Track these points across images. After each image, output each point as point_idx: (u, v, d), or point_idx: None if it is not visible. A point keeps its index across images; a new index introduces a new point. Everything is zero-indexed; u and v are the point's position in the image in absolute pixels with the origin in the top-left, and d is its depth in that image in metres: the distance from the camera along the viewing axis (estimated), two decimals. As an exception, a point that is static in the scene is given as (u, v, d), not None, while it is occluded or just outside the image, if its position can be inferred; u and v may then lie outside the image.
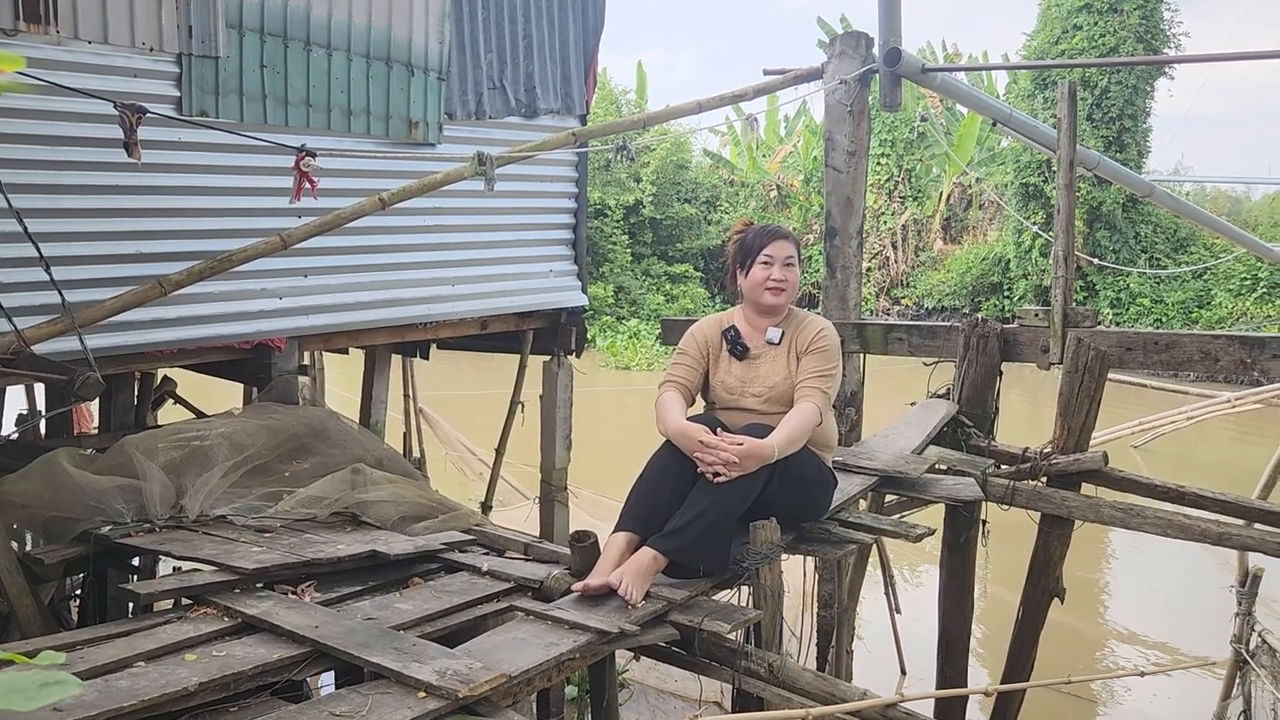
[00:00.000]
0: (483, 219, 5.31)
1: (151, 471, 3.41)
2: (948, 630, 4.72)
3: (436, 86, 4.81)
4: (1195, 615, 8.27)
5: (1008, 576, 6.09)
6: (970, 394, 4.76)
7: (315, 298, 4.49)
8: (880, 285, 26.40)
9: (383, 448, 4.31)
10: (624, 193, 25.44)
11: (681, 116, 5.19)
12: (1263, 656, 5.98)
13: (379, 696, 2.26)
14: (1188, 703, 6.69)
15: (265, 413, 4.01)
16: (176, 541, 3.19)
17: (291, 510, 3.50)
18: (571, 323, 5.91)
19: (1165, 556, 9.55)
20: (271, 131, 4.01)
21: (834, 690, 2.69)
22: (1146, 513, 4.20)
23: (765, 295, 3.36)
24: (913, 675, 6.70)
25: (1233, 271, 20.40)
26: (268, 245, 3.68)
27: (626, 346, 23.01)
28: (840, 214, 5.30)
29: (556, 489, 5.92)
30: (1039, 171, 21.56)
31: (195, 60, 3.85)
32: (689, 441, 3.07)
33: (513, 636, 2.61)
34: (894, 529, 3.48)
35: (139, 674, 2.31)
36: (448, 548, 3.37)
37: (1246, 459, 13.34)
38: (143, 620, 2.66)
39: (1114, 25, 20.70)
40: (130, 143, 3.09)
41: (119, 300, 3.44)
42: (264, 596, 2.82)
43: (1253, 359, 4.16)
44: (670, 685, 6.19)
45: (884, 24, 5.17)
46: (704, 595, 3.00)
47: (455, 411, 10.72)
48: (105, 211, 3.74)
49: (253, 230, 4.07)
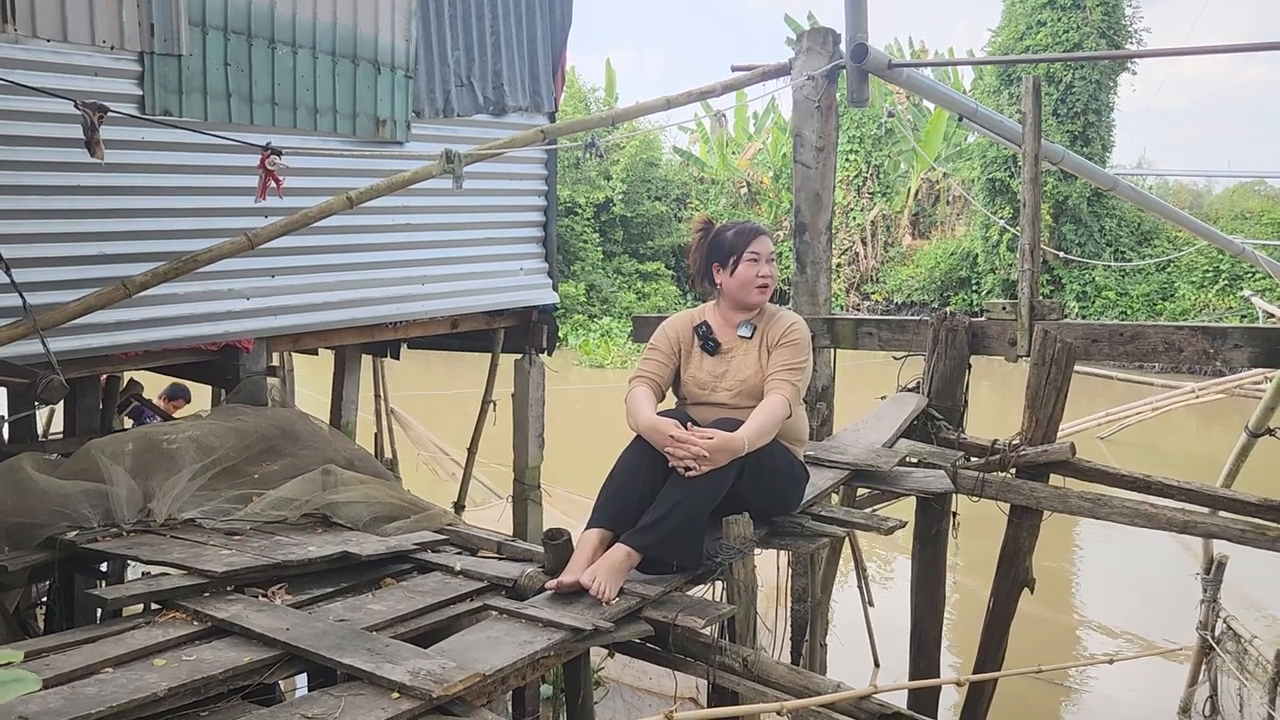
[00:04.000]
0: (452, 217, 5.28)
1: (118, 475, 3.37)
2: (920, 622, 4.76)
3: (404, 84, 4.78)
4: (1162, 603, 8.39)
5: (978, 568, 6.15)
6: (940, 387, 4.80)
7: (283, 298, 4.45)
8: (850, 281, 26.57)
9: (354, 448, 4.29)
10: (594, 190, 25.43)
11: (650, 113, 5.17)
12: (1228, 643, 6.08)
13: (352, 698, 2.25)
14: (1155, 689, 6.79)
15: (234, 414, 3.97)
16: (144, 546, 3.15)
17: (261, 512, 3.47)
18: (543, 321, 5.90)
19: (1132, 546, 9.68)
20: (236, 130, 3.97)
21: (808, 683, 2.70)
22: (1114, 502, 4.26)
23: (755, 293, 3.39)
24: (886, 667, 6.75)
25: (1195, 264, 20.72)
26: (234, 245, 3.64)
27: (599, 345, 23.01)
28: (809, 209, 5.32)
29: (529, 488, 5.91)
30: (1005, 167, 21.80)
31: (158, 58, 3.81)
32: (660, 436, 3.07)
33: (487, 635, 2.60)
34: (866, 522, 3.50)
35: (107, 680, 2.28)
36: (420, 548, 3.35)
37: (1210, 448, 13.56)
38: (110, 626, 2.63)
39: (1077, 21, 20.96)
40: (92, 142, 3.04)
41: (82, 302, 3.39)
42: (234, 599, 2.79)
43: (1215, 349, 4.22)
44: (645, 682, 6.20)
45: (850, 20, 5.19)
46: (678, 591, 3.01)
47: (427, 411, 10.67)
48: (67, 212, 3.69)
49: (219, 230, 4.03)
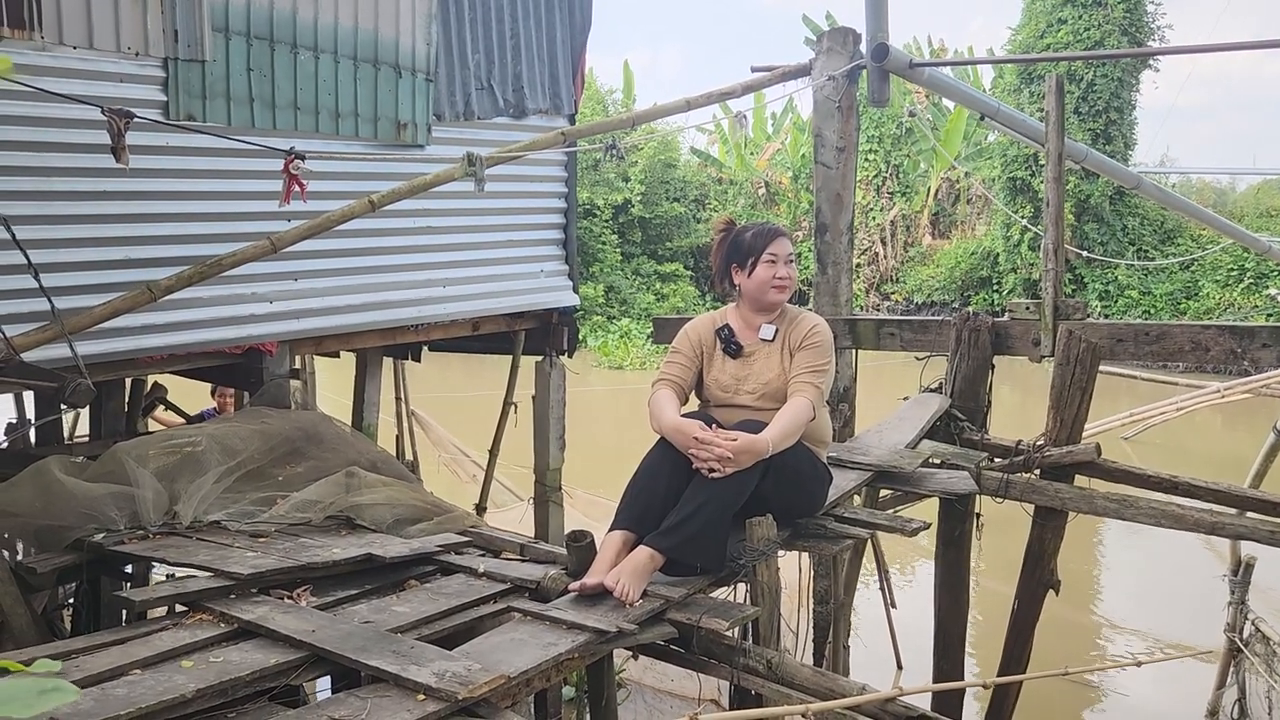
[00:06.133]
0: (473, 220, 5.30)
1: (144, 478, 3.39)
2: (944, 624, 4.74)
3: (424, 88, 4.80)
4: (1188, 605, 8.30)
5: (1002, 569, 6.11)
6: (962, 387, 4.77)
7: (305, 301, 4.47)
8: (870, 281, 26.46)
9: (376, 451, 4.30)
10: (612, 192, 25.43)
11: (670, 114, 5.18)
12: (1256, 645, 6.01)
13: (378, 700, 2.25)
14: (1183, 692, 6.72)
15: (257, 417, 3.99)
16: (170, 548, 3.17)
17: (286, 515, 3.49)
18: (563, 323, 5.91)
19: (1157, 547, 9.59)
20: (259, 135, 3.99)
21: (832, 685, 2.69)
22: (1140, 503, 4.22)
23: (771, 293, 3.39)
24: (909, 669, 6.72)
25: (1219, 262, 20.51)
26: (257, 249, 3.66)
27: (618, 346, 23.01)
28: (830, 210, 5.30)
29: (551, 489, 5.91)
30: (1026, 165, 21.65)
31: (181, 64, 3.83)
32: (683, 438, 3.06)
33: (510, 637, 2.60)
34: (889, 523, 3.48)
35: (135, 681, 2.30)
36: (443, 550, 3.36)
37: (1236, 448, 13.41)
38: (138, 628, 2.64)
39: (1098, 19, 20.80)
40: (118, 148, 3.07)
41: (108, 306, 3.41)
42: (260, 602, 2.81)
43: (1243, 348, 4.18)
44: (667, 684, 6.19)
45: (871, 20, 5.17)
46: (701, 593, 3.00)
47: (447, 414, 10.70)
48: (94, 217, 3.71)
49: (242, 234, 4.05)
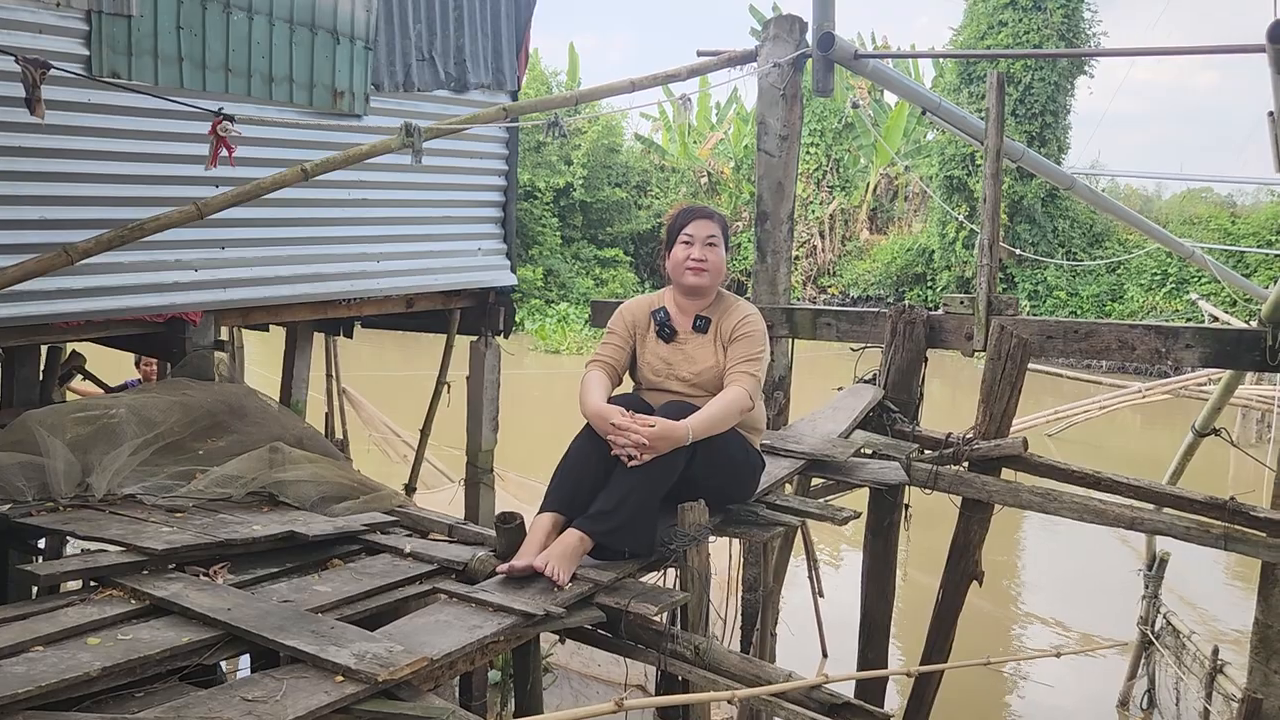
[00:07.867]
0: (410, 194, 5.19)
1: (55, 448, 3.25)
2: (869, 613, 4.79)
3: (363, 55, 4.67)
4: (1104, 598, 8.55)
5: (926, 561, 6.21)
6: (896, 379, 4.82)
7: (233, 270, 4.34)
8: (807, 274, 26.73)
9: (303, 426, 4.19)
10: (554, 175, 25.28)
11: (615, 94, 5.11)
12: (1167, 637, 6.22)
13: (294, 681, 2.18)
14: (1096, 681, 6.92)
15: (178, 388, 3.86)
16: (81, 521, 3.05)
17: (205, 489, 3.38)
18: (500, 303, 5.83)
19: (1076, 541, 9.86)
20: (188, 96, 3.85)
21: (759, 672, 2.69)
22: (1064, 498, 4.30)
23: (686, 275, 3.31)
24: (834, 657, 6.80)
25: (1144, 266, 21.14)
26: (182, 214, 3.54)
27: (555, 330, 22.91)
28: (771, 198, 5.30)
29: (482, 471, 5.84)
30: (963, 165, 22.04)
31: (106, 18, 3.67)
32: (602, 423, 3.03)
33: (435, 619, 2.55)
34: (821, 512, 3.49)
35: (36, 659, 2.20)
36: (369, 529, 3.29)
37: (1153, 447, 13.85)
38: (42, 603, 2.53)
39: (1038, 22, 21.23)
40: (33, 99, 2.93)
41: (21, 268, 3.27)
42: (174, 578, 2.71)
43: (1167, 348, 4.28)
44: (594, 669, 6.18)
45: (817, 9, 5.17)
46: (631, 577, 2.97)
47: (379, 393, 10.53)
48: (7, 174, 3.55)
49: (167, 199, 3.91)
